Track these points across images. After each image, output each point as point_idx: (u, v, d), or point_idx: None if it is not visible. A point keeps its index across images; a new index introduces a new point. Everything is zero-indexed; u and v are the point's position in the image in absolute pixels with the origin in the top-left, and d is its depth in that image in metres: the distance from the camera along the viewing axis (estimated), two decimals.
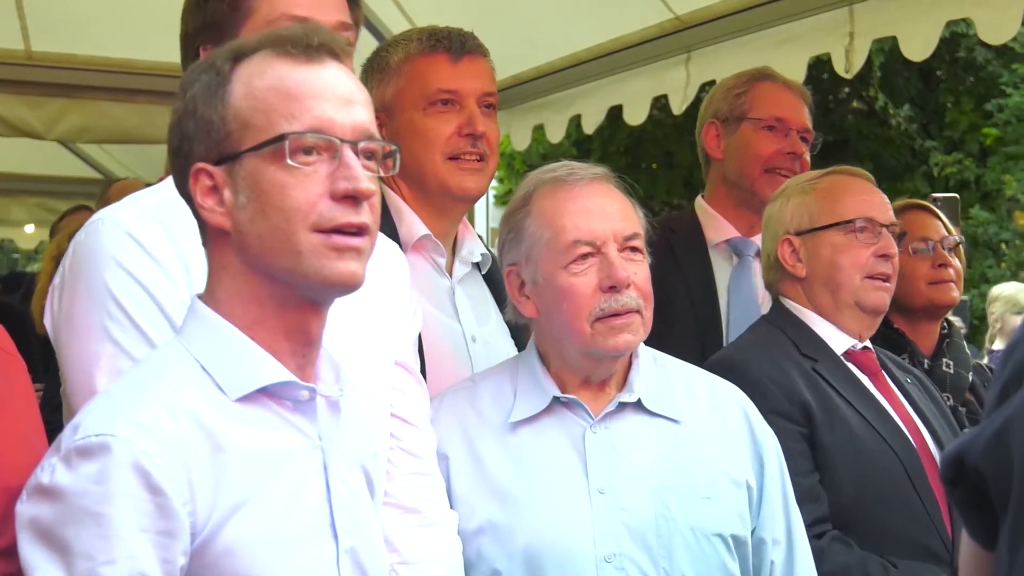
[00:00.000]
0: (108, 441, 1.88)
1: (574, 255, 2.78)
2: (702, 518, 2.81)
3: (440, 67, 3.28)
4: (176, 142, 2.08)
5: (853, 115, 16.39)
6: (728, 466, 2.90)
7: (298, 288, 2.05)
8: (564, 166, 2.97)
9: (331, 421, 2.13)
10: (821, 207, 3.53)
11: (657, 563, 2.74)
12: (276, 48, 2.05)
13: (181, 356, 2.04)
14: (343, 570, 2.06)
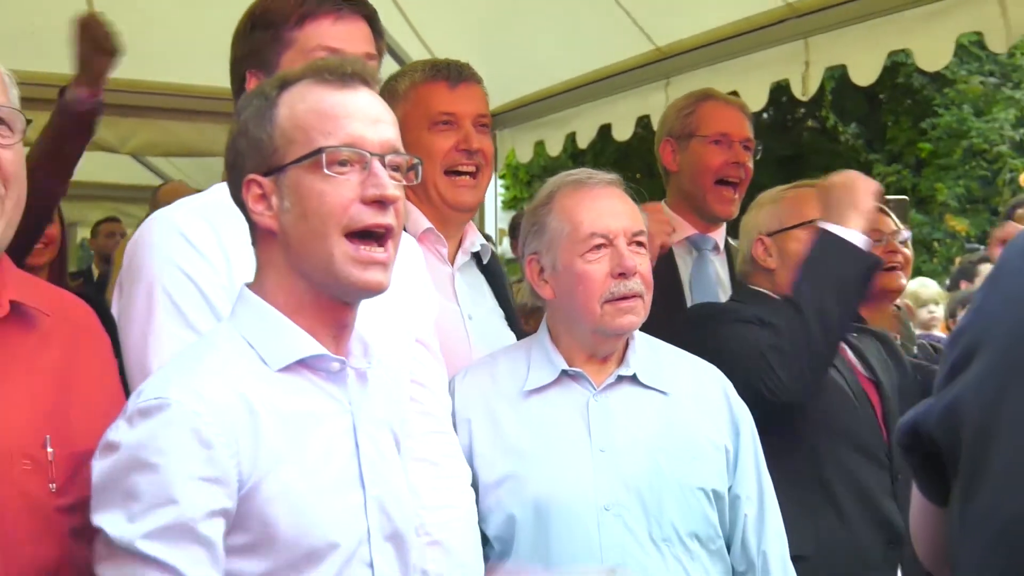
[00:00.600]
0: (165, 402, 1.91)
1: (590, 246, 2.81)
2: (688, 474, 2.84)
3: (440, 93, 3.32)
4: (231, 158, 2.12)
5: (808, 132, 16.41)
6: (709, 432, 2.93)
7: (330, 289, 2.07)
8: (583, 171, 3.00)
9: (359, 389, 2.14)
10: (789, 212, 3.55)
11: (649, 512, 2.77)
12: (316, 76, 2.08)
13: (230, 334, 2.07)
14: (370, 516, 2.07)
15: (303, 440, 2.01)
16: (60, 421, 2.08)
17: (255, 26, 2.66)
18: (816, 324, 3.13)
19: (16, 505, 1.99)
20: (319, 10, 2.62)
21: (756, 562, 2.90)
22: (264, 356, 2.04)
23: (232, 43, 2.69)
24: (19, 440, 2.02)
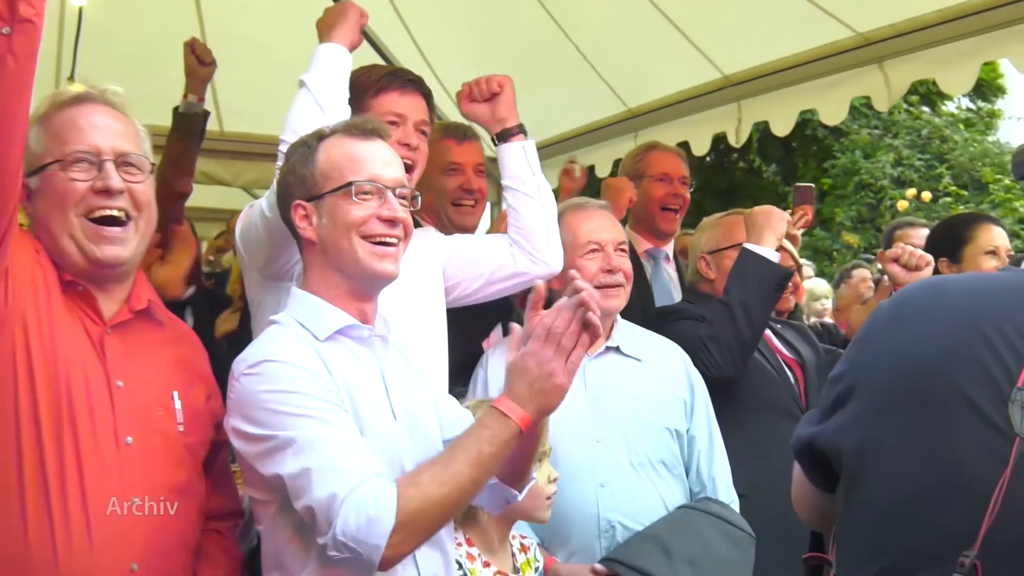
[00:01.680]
0: (268, 361, 1.96)
1: (587, 250, 2.93)
2: (657, 417, 2.91)
3: (450, 148, 3.47)
4: (282, 189, 2.15)
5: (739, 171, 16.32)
6: (672, 388, 2.99)
7: (356, 279, 2.09)
8: (583, 199, 3.14)
9: (383, 349, 2.15)
10: (723, 236, 3.57)
11: (628, 444, 2.83)
12: (345, 131, 2.13)
13: (288, 320, 2.07)
14: (401, 438, 2.05)
15: (347, 386, 2.01)
16: (181, 384, 2.13)
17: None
18: (742, 317, 3.17)
19: (154, 440, 2.04)
20: (390, 86, 2.72)
21: (707, 484, 2.95)
22: (313, 331, 2.05)
23: None
24: (155, 393, 2.08)
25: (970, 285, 1.61)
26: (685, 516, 2.83)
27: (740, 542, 2.84)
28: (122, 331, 2.08)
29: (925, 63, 4.05)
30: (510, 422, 1.87)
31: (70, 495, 1.89)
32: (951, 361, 1.43)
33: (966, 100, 17.99)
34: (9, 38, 1.77)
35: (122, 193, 2.02)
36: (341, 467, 1.85)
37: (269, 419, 1.91)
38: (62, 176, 2.00)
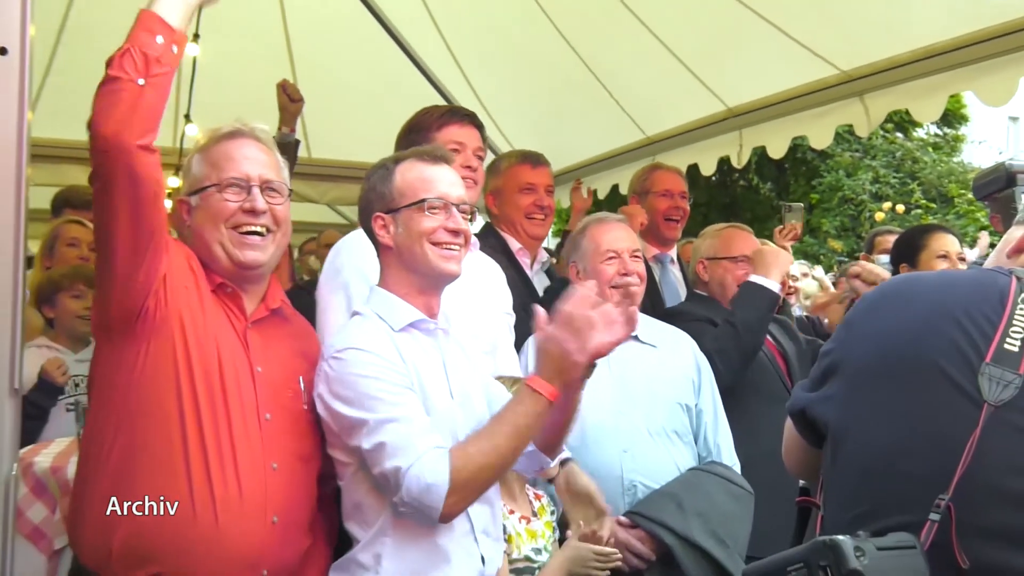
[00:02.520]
0: (351, 348, 2.00)
1: (606, 256, 2.89)
2: (671, 392, 2.87)
3: (525, 171, 3.47)
4: (364, 204, 2.18)
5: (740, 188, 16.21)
6: (683, 369, 2.95)
7: (426, 276, 2.11)
8: (604, 214, 3.09)
9: (444, 339, 2.16)
10: (720, 247, 3.54)
11: (646, 415, 2.80)
12: (417, 156, 2.15)
13: (368, 313, 2.10)
14: (457, 414, 2.06)
15: (417, 368, 2.05)
16: (304, 371, 2.13)
17: (411, 130, 2.75)
18: (747, 337, 3.18)
19: (286, 416, 2.06)
20: (451, 121, 2.72)
21: (712, 450, 2.92)
22: (389, 322, 2.07)
23: (396, 139, 2.77)
24: (286, 378, 2.10)
25: (941, 279, 1.61)
26: (695, 476, 2.81)
27: (741, 498, 2.82)
28: (260, 326, 2.12)
29: (899, 95, 4.03)
30: (541, 397, 1.92)
31: (225, 460, 1.93)
32: (927, 340, 1.43)
33: (934, 127, 17.79)
34: (143, 88, 1.83)
35: (265, 212, 2.07)
36: (405, 444, 1.89)
37: (351, 399, 1.95)
38: (218, 197, 2.05)
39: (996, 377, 1.36)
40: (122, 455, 1.93)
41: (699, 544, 2.62)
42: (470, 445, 1.93)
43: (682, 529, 2.63)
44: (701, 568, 2.61)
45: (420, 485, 1.85)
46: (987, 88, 3.59)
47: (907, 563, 1.30)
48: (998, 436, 1.34)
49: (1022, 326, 1.40)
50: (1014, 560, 1.33)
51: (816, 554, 1.30)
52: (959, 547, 1.32)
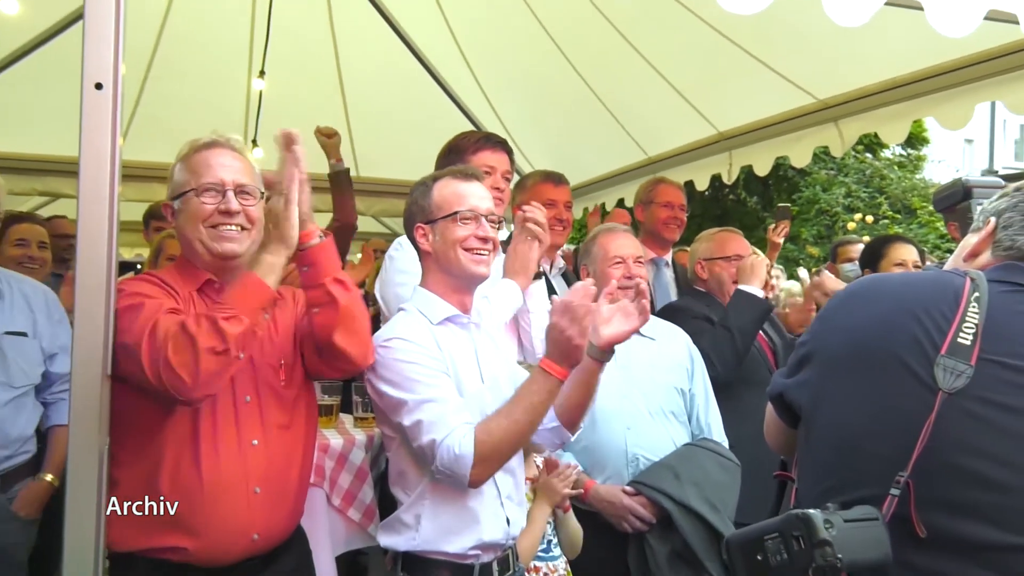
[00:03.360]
0: (396, 339, 2.00)
1: (613, 262, 2.87)
2: (668, 378, 2.87)
3: (548, 188, 3.41)
4: (408, 216, 2.18)
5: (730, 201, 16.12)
6: (678, 358, 2.94)
7: (459, 278, 2.11)
8: (612, 224, 3.09)
9: (476, 331, 2.16)
10: (715, 248, 3.54)
11: (647, 397, 2.79)
12: (452, 175, 2.16)
13: (412, 308, 2.11)
14: (486, 396, 2.06)
15: (453, 356, 2.06)
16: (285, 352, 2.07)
17: (450, 151, 2.75)
18: (739, 338, 3.16)
19: (266, 394, 2.00)
20: (484, 147, 2.72)
21: (704, 429, 2.91)
22: (429, 317, 2.08)
23: (437, 159, 2.78)
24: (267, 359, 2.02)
25: (903, 280, 1.59)
26: (689, 451, 2.80)
27: (729, 469, 2.82)
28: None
29: (869, 121, 4.00)
30: (551, 377, 1.93)
31: (207, 442, 1.89)
32: (890, 334, 1.42)
33: (899, 148, 17.64)
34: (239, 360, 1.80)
35: (239, 213, 1.98)
36: (440, 420, 1.91)
37: (395, 382, 1.97)
38: (196, 201, 1.97)
39: (950, 367, 1.35)
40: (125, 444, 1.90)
41: (694, 509, 2.62)
42: (491, 421, 1.94)
43: (679, 496, 2.63)
44: (696, 530, 2.61)
45: (451, 455, 1.87)
46: (946, 114, 3.58)
47: (870, 534, 1.29)
48: (951, 420, 1.33)
49: (974, 322, 1.38)
50: (965, 529, 1.32)
51: (790, 525, 1.30)
52: (917, 518, 1.32)
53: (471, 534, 1.99)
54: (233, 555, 1.89)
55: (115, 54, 1.75)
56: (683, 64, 4.43)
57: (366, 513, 2.80)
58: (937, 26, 2.08)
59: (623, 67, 4.58)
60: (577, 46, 4.78)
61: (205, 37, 5.25)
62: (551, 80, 5.12)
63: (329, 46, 5.61)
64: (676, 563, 2.61)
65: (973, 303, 1.41)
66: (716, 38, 3.95)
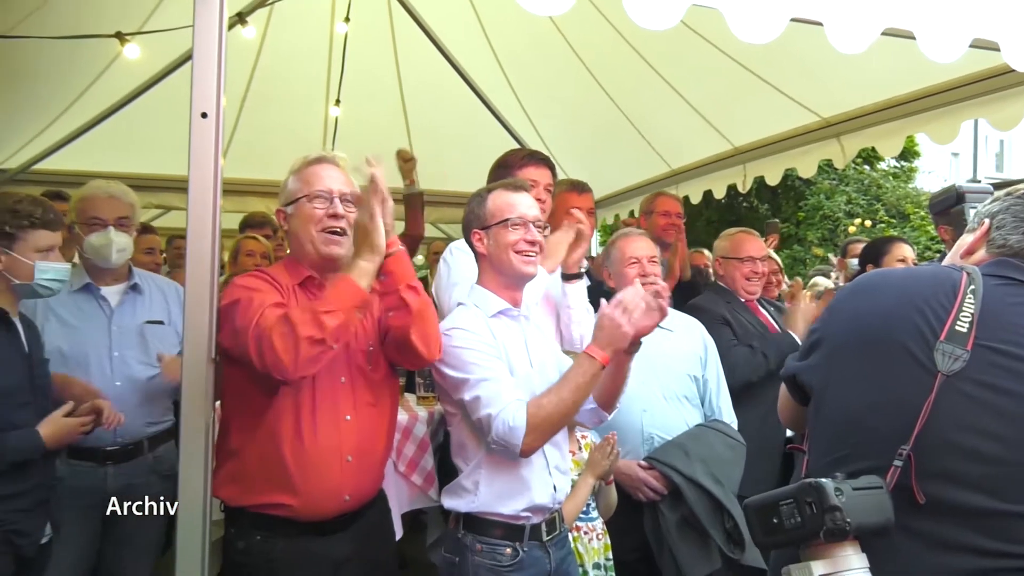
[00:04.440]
0: (454, 329, 2.01)
1: (629, 262, 2.83)
2: (682, 366, 2.82)
3: (572, 196, 3.29)
4: (466, 223, 2.15)
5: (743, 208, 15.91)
6: (694, 348, 2.89)
7: (510, 276, 2.09)
8: (631, 230, 3.02)
9: (525, 323, 2.15)
10: (732, 248, 3.49)
11: (662, 383, 2.76)
12: (504, 187, 2.14)
13: (470, 303, 2.10)
14: (534, 378, 2.04)
15: (506, 344, 2.05)
16: (373, 340, 2.07)
17: (500, 166, 2.74)
18: (772, 366, 3.09)
19: (357, 376, 2.01)
20: (529, 163, 2.70)
21: (715, 411, 2.86)
22: (484, 310, 2.07)
23: (489, 172, 2.76)
24: (360, 346, 2.03)
25: (906, 274, 1.56)
26: (699, 431, 2.77)
27: (735, 448, 2.77)
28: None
29: (867, 136, 3.93)
30: (595, 361, 1.96)
31: (307, 416, 1.91)
32: (894, 323, 1.39)
33: (894, 160, 17.22)
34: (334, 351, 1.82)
35: (343, 217, 2.00)
36: (495, 397, 1.92)
37: (456, 365, 1.98)
38: (308, 206, 2.00)
39: (948, 352, 1.33)
40: (238, 422, 1.93)
41: (700, 483, 2.60)
42: (542, 398, 1.95)
43: (687, 471, 2.60)
44: (702, 501, 2.59)
45: (505, 427, 1.88)
46: (935, 130, 3.51)
47: (875, 500, 1.28)
48: (949, 400, 1.31)
49: (970, 311, 1.36)
50: (959, 497, 1.31)
51: (803, 492, 1.28)
52: (918, 487, 1.30)
53: (522, 498, 1.99)
54: (328, 512, 1.93)
55: (218, 87, 1.79)
56: (702, 87, 4.38)
57: (427, 478, 2.84)
58: (928, 53, 2.06)
59: (648, 90, 4.55)
60: (608, 72, 4.76)
61: (289, 72, 5.34)
62: (585, 102, 5.10)
63: (394, 77, 5.66)
64: (684, 529, 2.59)
65: (969, 295, 1.38)
66: (731, 64, 3.91)
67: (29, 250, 2.18)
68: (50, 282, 2.22)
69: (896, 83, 3.55)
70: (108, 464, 2.58)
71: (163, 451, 2.71)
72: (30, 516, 2.18)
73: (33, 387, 2.23)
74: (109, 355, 2.59)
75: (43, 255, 2.20)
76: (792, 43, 2.23)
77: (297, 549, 1.89)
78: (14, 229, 2.17)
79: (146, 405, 2.67)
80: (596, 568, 2.41)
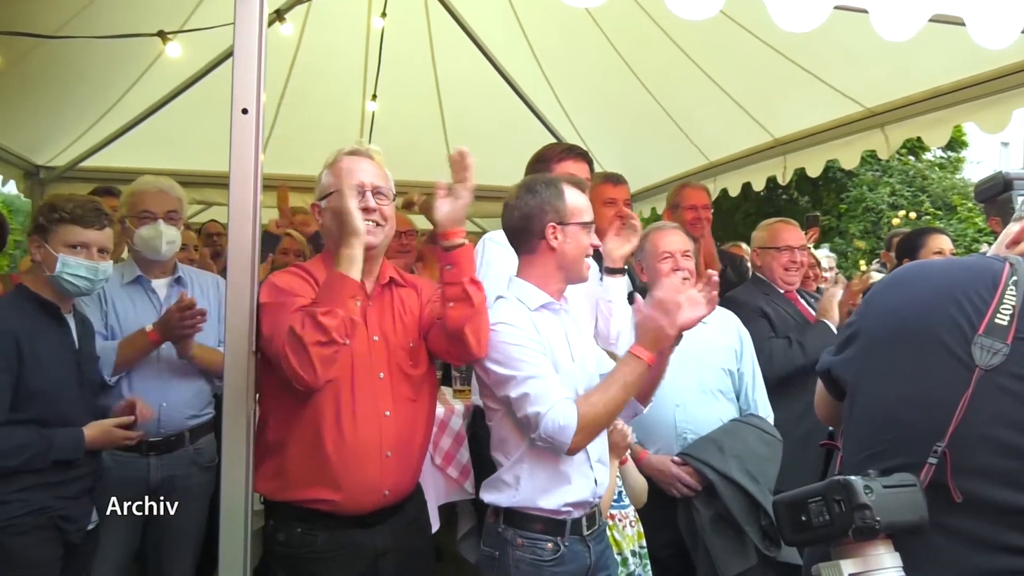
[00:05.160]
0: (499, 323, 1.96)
1: (662, 257, 2.76)
2: (717, 360, 2.78)
3: (608, 188, 3.23)
4: (538, 211, 2.03)
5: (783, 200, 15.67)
6: (728, 340, 2.84)
7: (572, 278, 2.08)
8: (664, 223, 2.94)
9: (567, 317, 2.11)
10: (769, 238, 3.45)
11: (698, 377, 2.72)
12: (576, 184, 2.08)
13: (510, 296, 2.05)
14: (576, 372, 2.02)
15: (549, 337, 2.01)
16: (414, 335, 2.07)
17: (537, 160, 2.70)
18: (809, 356, 3.05)
19: (396, 372, 2.01)
20: (567, 157, 2.67)
21: (751, 405, 2.82)
22: (527, 303, 2.03)
23: (527, 165, 2.74)
24: (399, 341, 2.04)
25: (944, 266, 1.54)
26: (734, 426, 2.72)
27: (771, 444, 2.73)
28: (376, 300, 2.06)
29: (913, 127, 3.84)
30: (641, 361, 1.94)
31: (347, 412, 1.92)
32: (930, 315, 1.37)
33: (940, 150, 16.79)
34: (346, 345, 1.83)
35: (376, 210, 2.00)
36: (544, 395, 1.89)
37: (502, 361, 1.95)
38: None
39: (987, 346, 1.30)
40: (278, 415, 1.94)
41: (735, 480, 2.57)
42: (591, 396, 1.93)
43: (722, 467, 2.57)
44: (736, 498, 2.56)
45: (555, 426, 1.86)
46: (985, 119, 3.42)
47: (908, 498, 1.25)
48: (987, 395, 1.28)
49: (1011, 304, 1.32)
50: (997, 495, 1.28)
51: (831, 490, 1.26)
52: (954, 485, 1.28)
53: (563, 493, 1.97)
54: (368, 507, 1.94)
55: (258, 84, 1.82)
56: (741, 78, 4.33)
57: (463, 472, 2.85)
58: (978, 39, 2.01)
59: (686, 81, 4.51)
60: (644, 63, 4.72)
61: (327, 68, 5.39)
62: (621, 94, 5.07)
63: (430, 71, 5.68)
64: (719, 525, 2.56)
65: (1011, 286, 1.34)
66: (771, 54, 3.85)
67: (59, 244, 2.21)
68: (74, 277, 2.22)
69: (944, 71, 3.46)
70: (151, 455, 2.63)
71: (203, 443, 2.77)
72: (77, 503, 2.23)
73: (81, 383, 2.27)
74: (157, 348, 2.65)
75: (72, 250, 2.22)
76: (835, 31, 2.19)
77: (337, 541, 1.91)
78: (48, 223, 2.22)
79: (189, 397, 2.73)
80: (633, 556, 2.40)
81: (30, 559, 2.09)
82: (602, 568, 2.07)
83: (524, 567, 1.94)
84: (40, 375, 2.14)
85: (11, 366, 2.09)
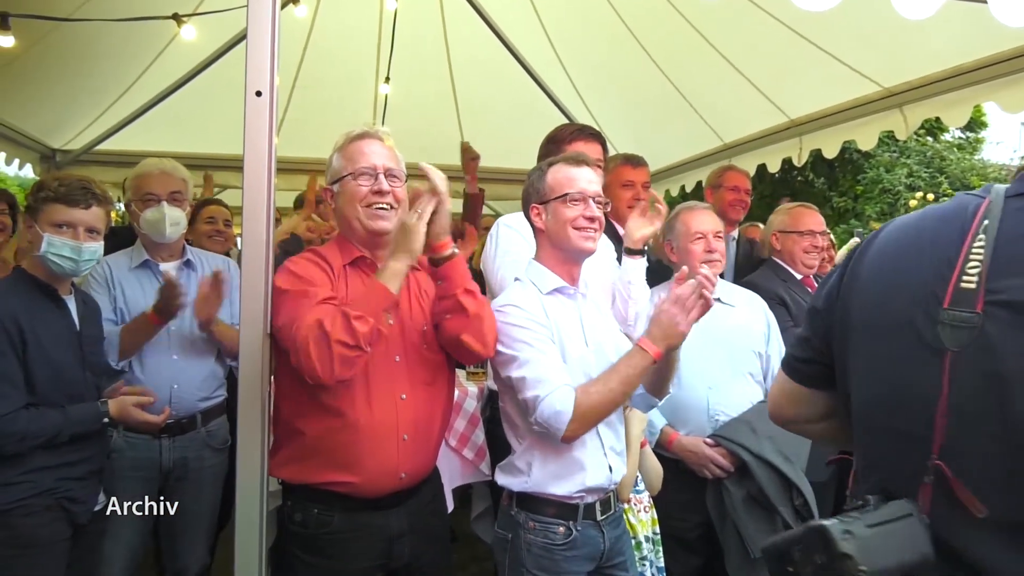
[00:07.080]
0: (508, 306, 1.99)
1: (694, 237, 2.76)
2: (748, 343, 2.77)
3: (627, 170, 3.25)
4: (525, 196, 2.11)
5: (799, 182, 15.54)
6: (757, 325, 2.83)
7: (568, 252, 2.05)
8: (693, 203, 2.92)
9: (582, 301, 2.11)
10: (791, 221, 3.42)
11: (729, 359, 2.71)
12: (565, 161, 2.09)
13: (525, 279, 2.07)
14: (590, 359, 2.01)
15: (559, 322, 2.02)
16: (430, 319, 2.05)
17: (549, 141, 2.69)
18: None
19: (412, 355, 2.00)
20: (579, 137, 2.66)
21: None
22: (539, 287, 2.04)
23: (540, 148, 2.72)
24: (415, 324, 2.03)
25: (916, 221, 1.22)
26: (765, 407, 2.70)
27: None
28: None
29: (932, 106, 3.76)
30: (647, 355, 1.93)
31: (361, 395, 1.91)
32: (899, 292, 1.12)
33: (958, 131, 16.55)
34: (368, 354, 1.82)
35: (389, 193, 1.98)
36: (542, 379, 1.90)
37: (506, 342, 1.96)
38: (353, 183, 1.99)
39: (955, 321, 1.02)
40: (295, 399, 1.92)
41: (769, 460, 2.57)
42: (591, 386, 1.92)
43: (756, 448, 2.58)
44: (771, 479, 2.57)
45: (551, 411, 1.87)
46: (1006, 99, 3.34)
47: (903, 532, 1.03)
48: (965, 382, 1.02)
49: (979, 259, 1.03)
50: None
51: (808, 539, 1.05)
52: (970, 498, 0.99)
53: (576, 479, 1.97)
54: (385, 489, 1.95)
55: (272, 66, 1.81)
56: (756, 58, 4.27)
57: (478, 453, 2.88)
58: (1000, 17, 1.97)
59: (700, 62, 4.45)
60: (658, 43, 4.67)
61: (340, 50, 5.37)
62: (635, 75, 5.02)
63: (443, 54, 5.65)
64: (750, 505, 2.57)
65: (980, 234, 1.04)
66: (787, 33, 3.79)
67: (45, 223, 2.16)
68: (58, 257, 2.16)
69: (963, 49, 3.39)
70: (163, 437, 2.64)
71: (215, 425, 2.78)
72: (83, 484, 2.23)
73: (84, 364, 2.26)
74: (167, 330, 2.67)
75: (58, 230, 2.16)
76: (852, 9, 2.15)
77: (354, 522, 1.93)
78: (35, 202, 2.18)
79: (201, 379, 2.75)
80: (647, 541, 2.41)
81: (38, 540, 2.09)
82: (618, 553, 2.07)
83: (536, 550, 1.95)
84: (41, 357, 2.12)
85: (17, 349, 2.08)
